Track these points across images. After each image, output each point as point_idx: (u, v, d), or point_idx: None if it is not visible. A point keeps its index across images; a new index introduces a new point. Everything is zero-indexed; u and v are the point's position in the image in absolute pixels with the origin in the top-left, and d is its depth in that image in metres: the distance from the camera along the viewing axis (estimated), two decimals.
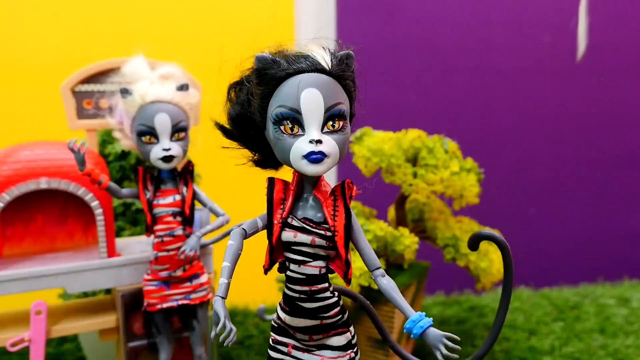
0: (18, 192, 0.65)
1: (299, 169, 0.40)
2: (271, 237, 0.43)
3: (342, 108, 0.40)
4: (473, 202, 0.93)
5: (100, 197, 0.69)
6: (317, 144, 0.39)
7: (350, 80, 0.42)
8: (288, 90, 0.39)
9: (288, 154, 0.40)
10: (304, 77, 0.39)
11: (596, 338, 1.04)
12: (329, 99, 0.39)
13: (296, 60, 0.40)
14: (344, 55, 0.41)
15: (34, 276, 0.66)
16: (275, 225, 0.43)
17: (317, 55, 0.40)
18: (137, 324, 0.72)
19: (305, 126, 0.39)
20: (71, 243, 0.77)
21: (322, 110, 0.39)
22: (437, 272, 1.11)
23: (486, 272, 0.92)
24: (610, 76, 1.59)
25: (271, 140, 0.41)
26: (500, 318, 0.43)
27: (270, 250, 0.44)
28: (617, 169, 1.62)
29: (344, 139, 0.41)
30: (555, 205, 1.62)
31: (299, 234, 0.42)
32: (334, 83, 0.40)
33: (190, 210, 0.67)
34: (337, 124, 0.40)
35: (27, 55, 1.23)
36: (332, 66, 0.40)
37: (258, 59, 0.40)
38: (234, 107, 0.43)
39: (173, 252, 0.66)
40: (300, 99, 0.39)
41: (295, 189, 0.43)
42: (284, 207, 0.43)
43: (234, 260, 0.43)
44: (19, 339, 0.66)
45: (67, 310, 0.74)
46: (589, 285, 1.38)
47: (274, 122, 0.40)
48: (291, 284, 0.44)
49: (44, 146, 0.68)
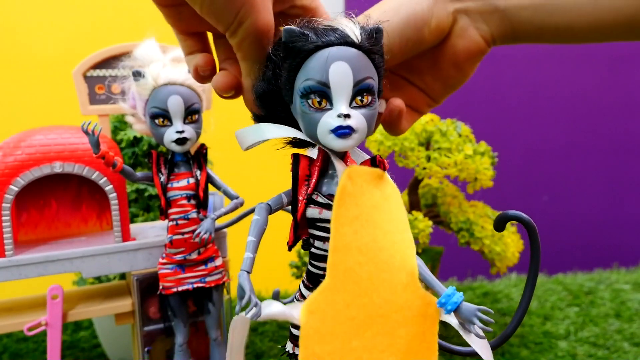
0: (32, 177, 0.65)
1: (326, 143, 0.39)
2: (296, 213, 0.43)
3: (371, 82, 0.39)
4: (487, 185, 0.93)
5: (114, 181, 0.69)
6: (345, 119, 0.38)
7: (379, 54, 0.41)
8: (316, 63, 0.38)
9: (315, 128, 0.39)
10: (333, 50, 0.38)
11: (612, 323, 1.03)
12: (358, 72, 0.38)
13: (325, 33, 0.39)
14: (373, 29, 0.40)
15: (50, 260, 0.66)
16: (300, 201, 0.42)
17: (347, 28, 0.39)
18: (152, 308, 0.72)
19: (333, 100, 0.39)
20: (85, 228, 0.77)
21: (350, 84, 0.38)
22: (451, 258, 1.11)
23: (501, 256, 0.91)
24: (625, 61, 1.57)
25: (298, 115, 0.40)
26: (526, 299, 0.43)
27: (294, 226, 0.44)
28: (631, 155, 1.61)
29: (372, 114, 0.40)
30: (569, 191, 1.60)
31: (324, 211, 0.42)
32: (363, 57, 0.39)
33: (204, 193, 0.67)
34: (366, 98, 0.39)
35: (39, 42, 1.23)
36: (362, 40, 0.39)
37: (286, 32, 0.38)
38: (260, 83, 0.42)
39: (188, 235, 0.66)
40: (329, 72, 0.38)
41: (320, 166, 0.43)
42: (309, 183, 0.42)
43: (259, 234, 0.42)
44: (36, 323, 0.67)
45: (83, 296, 0.75)
46: (604, 271, 1.37)
47: (302, 95, 0.39)
48: (315, 261, 0.44)
49: (58, 131, 0.68)
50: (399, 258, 0.40)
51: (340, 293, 0.39)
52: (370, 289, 0.39)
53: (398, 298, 0.40)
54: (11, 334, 1.02)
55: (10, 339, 1.01)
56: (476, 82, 1.55)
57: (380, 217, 0.40)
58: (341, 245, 0.39)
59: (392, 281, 0.39)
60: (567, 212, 1.60)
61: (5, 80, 1.22)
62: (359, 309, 0.39)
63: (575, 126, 1.58)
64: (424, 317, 0.40)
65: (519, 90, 1.57)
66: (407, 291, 0.40)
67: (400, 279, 0.40)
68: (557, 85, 1.57)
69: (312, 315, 0.38)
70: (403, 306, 0.40)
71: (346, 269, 0.39)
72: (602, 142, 1.59)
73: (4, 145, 0.66)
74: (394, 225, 0.41)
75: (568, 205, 1.60)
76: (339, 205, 0.39)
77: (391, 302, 0.39)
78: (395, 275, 0.40)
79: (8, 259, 0.65)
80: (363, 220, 0.40)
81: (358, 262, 0.39)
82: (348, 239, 0.39)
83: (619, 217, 1.61)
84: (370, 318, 0.39)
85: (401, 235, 0.41)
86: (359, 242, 0.39)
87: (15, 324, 0.67)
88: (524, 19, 0.47)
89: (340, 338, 0.39)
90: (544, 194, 1.60)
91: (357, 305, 0.39)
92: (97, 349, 0.97)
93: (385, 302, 0.39)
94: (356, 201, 0.40)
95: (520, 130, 1.58)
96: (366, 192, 0.40)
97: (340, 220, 0.39)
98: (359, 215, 0.39)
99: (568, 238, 1.58)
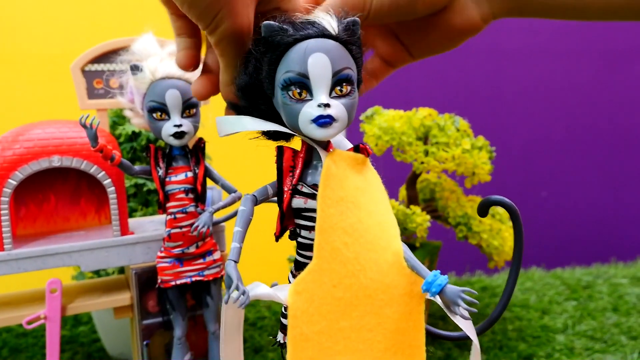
0: (31, 170, 0.65)
1: (308, 133, 0.40)
2: (282, 204, 0.44)
3: (350, 72, 0.41)
4: (485, 179, 0.93)
5: (112, 175, 0.69)
6: (325, 108, 0.39)
7: (357, 46, 0.42)
8: (295, 55, 0.39)
9: (297, 119, 0.40)
10: (311, 42, 0.39)
11: (609, 316, 1.04)
12: (337, 63, 0.40)
13: (303, 27, 0.40)
14: (350, 22, 0.41)
15: (49, 254, 0.67)
16: (286, 192, 0.43)
17: (324, 21, 0.40)
18: (151, 302, 0.72)
19: (313, 91, 0.40)
20: (84, 223, 0.77)
21: (329, 74, 0.39)
22: (449, 253, 1.11)
23: (499, 250, 0.91)
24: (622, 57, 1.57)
25: (280, 107, 0.41)
26: (511, 283, 0.44)
27: (280, 217, 0.44)
28: (629, 150, 1.61)
29: (352, 104, 0.41)
30: (567, 186, 1.60)
31: (309, 200, 0.43)
32: (341, 48, 0.40)
33: (202, 187, 0.67)
34: (345, 88, 0.41)
35: (37, 36, 1.23)
36: (339, 32, 0.40)
37: (265, 27, 0.40)
38: (242, 77, 0.43)
39: (186, 229, 0.66)
40: (308, 64, 0.39)
41: (304, 156, 0.43)
42: (293, 174, 0.43)
43: (245, 224, 0.43)
44: (35, 316, 0.67)
45: (82, 290, 0.75)
46: (602, 265, 1.38)
47: (282, 87, 0.40)
48: (302, 250, 0.45)
49: (56, 125, 0.68)
50: (385, 238, 0.41)
51: (327, 273, 0.39)
52: (356, 269, 0.40)
53: (384, 277, 0.40)
54: (11, 329, 1.03)
55: (10, 334, 1.01)
56: (474, 77, 1.56)
57: (364, 198, 0.41)
58: (327, 226, 0.40)
59: (378, 261, 0.40)
60: (565, 207, 1.60)
61: (3, 74, 1.22)
62: (346, 289, 0.40)
63: (574, 121, 1.59)
64: (410, 296, 0.41)
65: (517, 85, 1.57)
66: (393, 270, 0.41)
67: (385, 259, 0.40)
68: (555, 80, 1.57)
69: (299, 296, 0.39)
70: (389, 285, 0.40)
71: (332, 249, 0.40)
72: (600, 137, 1.59)
73: (2, 140, 0.66)
74: (377, 206, 0.42)
75: (566, 200, 1.61)
76: (325, 187, 0.40)
77: (378, 281, 0.40)
78: (381, 255, 0.40)
79: (7, 252, 0.65)
80: (348, 202, 0.41)
81: (344, 242, 0.40)
82: (334, 219, 0.40)
83: (617, 212, 1.61)
84: (357, 298, 0.40)
85: (385, 216, 0.42)
86: (344, 223, 0.40)
87: (14, 317, 0.67)
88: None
89: (328, 318, 0.39)
90: (542, 189, 1.61)
91: (344, 285, 0.39)
92: (97, 343, 0.98)
93: (372, 281, 0.40)
94: (341, 184, 0.41)
95: (518, 125, 1.58)
96: (349, 176, 0.41)
97: (326, 202, 0.40)
98: (344, 196, 0.40)
99: (566, 233, 1.58)
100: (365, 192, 0.42)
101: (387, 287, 0.40)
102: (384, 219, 0.41)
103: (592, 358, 0.87)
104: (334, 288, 0.39)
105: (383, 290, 0.40)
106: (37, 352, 0.94)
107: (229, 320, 0.42)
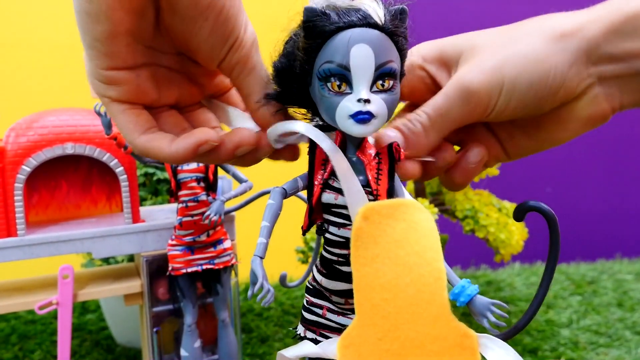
0: (45, 157, 0.66)
1: (345, 129, 0.38)
2: (311, 198, 0.42)
3: (394, 66, 0.38)
4: (493, 173, 0.93)
5: (124, 163, 0.69)
6: (365, 104, 0.37)
7: (403, 37, 0.39)
8: (337, 45, 0.37)
9: (334, 112, 0.38)
10: (355, 32, 0.37)
11: (614, 312, 1.04)
12: (381, 56, 0.37)
13: (347, 13, 0.37)
14: (398, 10, 0.38)
15: (61, 240, 0.67)
16: (316, 186, 0.41)
17: (370, 8, 0.38)
18: (161, 289, 0.73)
19: (353, 84, 0.37)
20: (95, 210, 0.78)
21: (372, 67, 0.37)
22: (454, 247, 1.11)
23: (505, 243, 0.92)
24: None
25: (317, 98, 0.39)
26: (542, 292, 0.42)
27: (309, 211, 0.43)
28: (634, 146, 1.61)
29: (393, 99, 0.39)
30: (572, 182, 1.61)
31: (340, 197, 0.41)
32: (386, 39, 0.38)
33: (214, 176, 0.68)
34: (387, 83, 0.38)
35: (51, 25, 1.24)
36: (385, 21, 0.38)
37: (306, 11, 0.37)
38: (280, 59, 0.40)
39: (197, 217, 0.67)
40: (350, 55, 0.37)
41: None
42: (325, 167, 0.41)
43: (273, 219, 0.41)
44: (47, 302, 0.68)
45: (92, 277, 0.76)
46: (606, 261, 1.38)
47: (321, 78, 0.38)
48: (330, 247, 0.43)
49: (69, 112, 0.69)
50: (427, 292, 0.39)
51: (371, 328, 0.39)
52: (400, 322, 0.39)
53: (431, 330, 0.39)
54: (19, 316, 1.04)
55: (19, 320, 1.02)
56: None
57: (404, 251, 0.39)
58: (364, 285, 0.39)
59: (421, 314, 0.39)
60: (570, 202, 1.61)
61: (17, 62, 1.23)
62: (392, 341, 0.39)
63: None
64: (462, 347, 0.39)
65: None
66: (439, 324, 0.39)
67: (430, 312, 0.39)
68: None
69: (347, 350, 0.38)
70: (437, 337, 0.39)
71: (372, 306, 0.38)
72: (605, 132, 1.59)
73: (16, 127, 0.67)
74: (420, 257, 0.39)
75: (571, 196, 1.61)
76: (356, 248, 0.38)
77: (424, 333, 0.39)
78: (424, 308, 0.39)
79: (20, 238, 0.66)
80: (384, 258, 0.39)
81: (383, 298, 0.39)
82: (370, 278, 0.39)
83: (622, 209, 1.62)
84: (404, 349, 0.39)
85: (429, 266, 0.39)
86: (381, 280, 0.39)
87: (26, 302, 0.68)
88: None
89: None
90: (548, 185, 1.61)
91: (389, 338, 0.39)
92: (104, 331, 0.99)
93: (418, 334, 0.39)
94: (374, 240, 0.39)
95: None
96: (387, 227, 0.39)
97: (359, 261, 0.38)
98: (378, 253, 0.39)
99: (571, 229, 1.58)
100: (404, 243, 0.39)
101: (435, 338, 0.39)
102: (428, 270, 0.39)
103: (596, 352, 0.88)
104: (379, 341, 0.38)
105: (431, 341, 0.39)
106: (46, 339, 0.95)
107: None
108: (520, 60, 0.40)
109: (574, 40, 0.40)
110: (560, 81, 0.40)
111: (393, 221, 0.39)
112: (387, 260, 0.39)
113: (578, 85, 0.41)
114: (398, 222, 0.39)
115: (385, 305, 0.39)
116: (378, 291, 0.39)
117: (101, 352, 0.91)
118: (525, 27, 0.43)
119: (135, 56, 0.39)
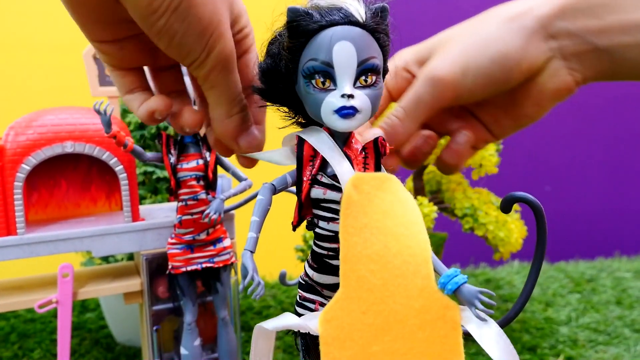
0: (44, 156, 0.66)
1: (330, 124, 0.40)
2: (300, 193, 0.43)
3: (376, 62, 0.39)
4: (492, 172, 0.93)
5: (124, 162, 0.69)
6: (348, 99, 0.38)
7: (385, 34, 0.41)
8: (320, 43, 0.38)
9: (319, 109, 0.39)
10: (337, 30, 0.38)
11: (613, 309, 1.04)
12: (363, 52, 0.39)
13: (329, 12, 0.39)
14: (378, 8, 0.40)
15: (61, 239, 0.67)
16: (305, 182, 0.43)
17: (351, 7, 0.39)
18: (160, 287, 0.73)
19: (337, 80, 0.39)
20: (94, 209, 0.78)
21: (354, 63, 0.38)
22: (453, 245, 1.12)
23: (505, 241, 0.92)
24: None
25: (302, 95, 0.41)
26: (530, 283, 0.43)
27: (299, 207, 0.44)
28: (633, 144, 1.61)
29: (376, 95, 0.40)
30: (571, 180, 1.61)
31: (328, 191, 0.42)
32: (368, 36, 0.39)
33: (214, 175, 0.68)
34: (370, 78, 0.39)
35: (50, 23, 1.24)
36: (367, 19, 0.39)
37: (290, 11, 0.39)
38: (265, 60, 0.42)
39: (197, 215, 0.67)
40: (333, 52, 0.38)
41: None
42: (313, 164, 0.42)
43: (263, 214, 0.42)
44: (47, 300, 0.68)
45: (92, 275, 0.76)
46: (605, 259, 1.38)
47: (305, 76, 0.39)
48: (319, 241, 0.44)
49: (69, 111, 0.69)
50: (413, 263, 0.40)
51: (355, 301, 0.39)
52: (385, 296, 0.39)
53: (414, 302, 0.39)
54: (19, 315, 1.04)
55: (18, 319, 1.02)
56: None
57: (392, 222, 0.40)
58: (351, 255, 0.39)
59: (407, 286, 0.39)
60: (569, 200, 1.61)
61: (16, 61, 1.23)
62: (376, 315, 0.39)
63: (579, 116, 1.59)
64: (444, 320, 0.40)
65: None
66: (424, 295, 0.40)
67: (415, 284, 0.39)
68: None
69: (328, 324, 0.38)
70: (420, 310, 0.39)
71: (358, 278, 0.39)
72: (604, 131, 1.60)
73: (15, 125, 0.67)
74: (406, 229, 0.40)
75: (570, 194, 1.61)
76: (346, 216, 0.39)
77: (408, 306, 0.39)
78: (410, 280, 0.39)
79: (20, 237, 0.66)
80: (372, 228, 0.39)
81: (370, 270, 0.39)
82: (358, 248, 0.39)
83: (621, 207, 1.62)
84: (387, 323, 0.39)
85: (415, 238, 0.40)
86: (369, 250, 0.39)
87: (25, 301, 0.68)
88: (629, 58, 0.44)
89: (360, 343, 0.39)
90: (546, 183, 1.61)
91: (373, 311, 0.39)
92: (104, 330, 0.99)
93: (402, 306, 0.39)
94: (364, 209, 0.39)
95: None
96: (375, 198, 0.40)
97: (348, 231, 0.39)
98: (367, 223, 0.39)
99: (570, 227, 1.58)
100: (392, 214, 0.40)
101: (418, 311, 0.39)
102: (413, 242, 0.40)
103: (595, 350, 0.88)
104: (363, 315, 0.39)
105: (414, 315, 0.39)
106: (46, 338, 0.95)
107: (259, 350, 0.42)
108: (481, 43, 0.45)
109: (526, 18, 0.44)
110: (520, 54, 0.44)
111: (381, 193, 0.40)
112: (375, 230, 0.40)
113: (538, 57, 0.45)
114: (386, 194, 0.40)
115: (372, 277, 0.39)
116: (365, 262, 0.39)
117: (101, 351, 0.91)
118: (484, 16, 0.48)
119: (114, 32, 0.42)
